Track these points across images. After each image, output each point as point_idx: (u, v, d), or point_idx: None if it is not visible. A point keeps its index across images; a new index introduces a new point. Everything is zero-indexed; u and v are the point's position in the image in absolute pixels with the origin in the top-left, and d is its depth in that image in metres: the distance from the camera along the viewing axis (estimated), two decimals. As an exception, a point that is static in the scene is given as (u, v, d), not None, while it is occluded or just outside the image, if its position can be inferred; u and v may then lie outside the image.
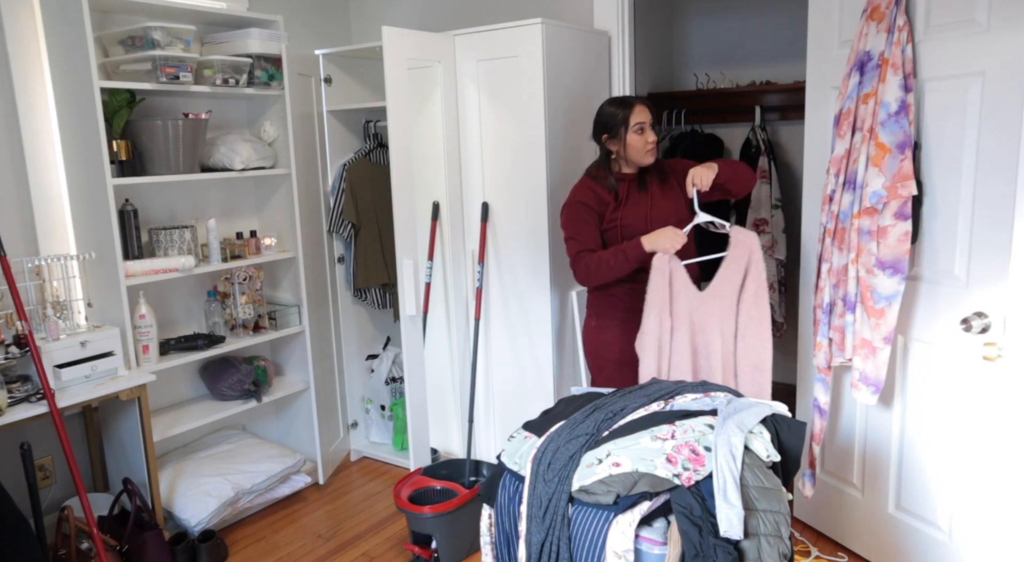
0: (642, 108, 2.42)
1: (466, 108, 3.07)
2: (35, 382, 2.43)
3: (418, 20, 3.67)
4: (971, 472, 2.19)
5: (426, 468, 2.90)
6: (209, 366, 3.18)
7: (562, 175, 2.98)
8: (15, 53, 2.61)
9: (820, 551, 2.66)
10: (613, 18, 3.14)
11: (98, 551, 2.40)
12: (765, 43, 4.12)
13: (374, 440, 3.74)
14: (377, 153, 3.51)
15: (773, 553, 1.55)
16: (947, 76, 2.11)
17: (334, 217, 3.44)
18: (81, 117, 2.58)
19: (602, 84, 3.17)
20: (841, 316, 2.34)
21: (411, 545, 2.66)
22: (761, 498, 1.60)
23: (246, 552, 2.83)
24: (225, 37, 2.96)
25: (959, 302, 2.16)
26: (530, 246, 2.99)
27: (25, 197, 2.69)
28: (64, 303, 2.61)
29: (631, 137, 2.42)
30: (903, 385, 2.37)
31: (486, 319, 3.21)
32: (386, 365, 3.63)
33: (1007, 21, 1.94)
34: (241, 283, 3.13)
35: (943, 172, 2.16)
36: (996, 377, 2.08)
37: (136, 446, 2.69)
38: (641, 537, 1.57)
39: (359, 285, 3.48)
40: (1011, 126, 1.96)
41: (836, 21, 2.47)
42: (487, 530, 1.85)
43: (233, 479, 2.93)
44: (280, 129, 3.14)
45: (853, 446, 2.58)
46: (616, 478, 1.61)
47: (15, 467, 2.70)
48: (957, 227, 2.14)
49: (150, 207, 2.99)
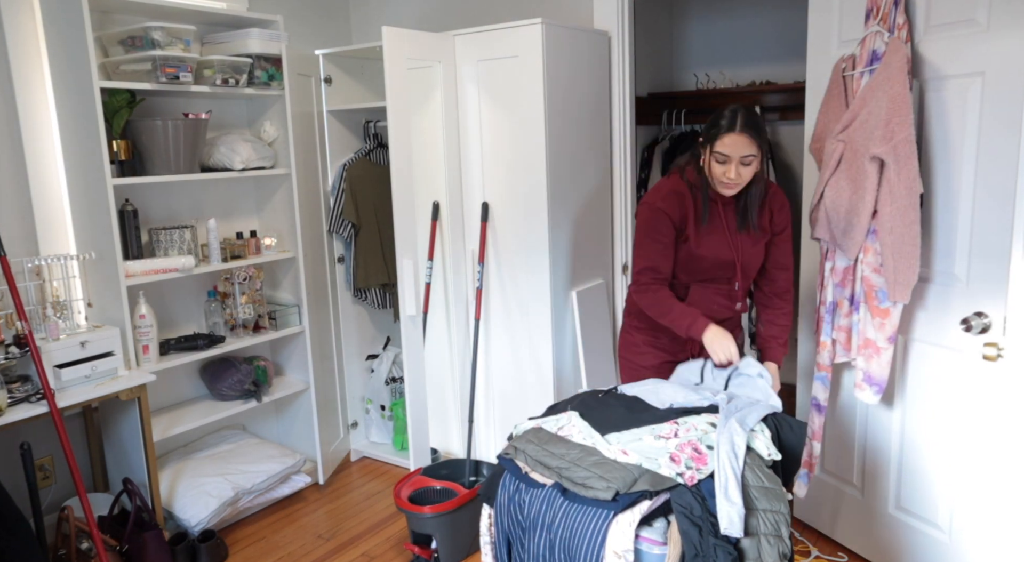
0: (736, 140, 2.02)
1: (466, 108, 3.07)
2: (35, 382, 2.43)
3: (418, 20, 3.67)
4: (971, 472, 2.19)
5: (426, 468, 2.90)
6: (209, 366, 3.18)
7: (562, 175, 2.98)
8: (15, 53, 2.61)
9: (820, 551, 2.66)
10: (613, 18, 3.14)
11: (98, 551, 2.40)
12: (765, 43, 4.12)
13: (374, 440, 3.74)
14: (377, 153, 3.51)
15: (773, 553, 1.55)
16: (947, 76, 2.11)
17: (334, 217, 3.44)
18: (81, 117, 2.58)
19: (602, 84, 3.17)
20: (847, 316, 2.34)
21: (411, 545, 2.66)
22: (761, 497, 1.60)
23: (246, 552, 2.83)
24: (225, 37, 2.96)
25: (959, 302, 2.16)
26: (530, 246, 2.99)
27: (25, 197, 2.69)
28: (64, 303, 2.61)
29: (712, 162, 2.09)
30: (903, 385, 2.37)
31: (486, 319, 3.21)
32: (386, 365, 3.63)
33: (1007, 21, 1.94)
34: (241, 283, 3.13)
35: (943, 172, 2.16)
36: (996, 377, 2.08)
37: (136, 446, 2.69)
38: (641, 537, 1.57)
39: (359, 285, 3.48)
40: (1011, 126, 1.96)
41: (836, 21, 2.47)
42: (487, 530, 1.85)
43: (233, 479, 2.93)
44: (280, 129, 3.14)
45: (853, 446, 2.58)
46: (617, 473, 1.61)
47: (15, 467, 2.70)
48: (957, 227, 2.14)
49: (150, 207, 2.99)
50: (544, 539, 1.66)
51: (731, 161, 2.04)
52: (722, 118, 2.05)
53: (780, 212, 2.25)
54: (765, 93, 3.97)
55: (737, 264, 2.18)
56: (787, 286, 2.30)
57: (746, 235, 2.20)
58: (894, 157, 2.05)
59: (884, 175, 2.10)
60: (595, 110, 3.14)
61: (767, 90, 3.96)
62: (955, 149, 2.12)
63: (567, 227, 3.03)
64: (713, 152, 2.06)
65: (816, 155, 2.45)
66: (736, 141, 2.02)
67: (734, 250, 2.17)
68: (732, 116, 2.03)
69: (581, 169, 3.09)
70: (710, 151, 2.07)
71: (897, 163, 2.05)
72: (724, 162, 2.05)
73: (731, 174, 2.05)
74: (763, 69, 4.13)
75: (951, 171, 2.14)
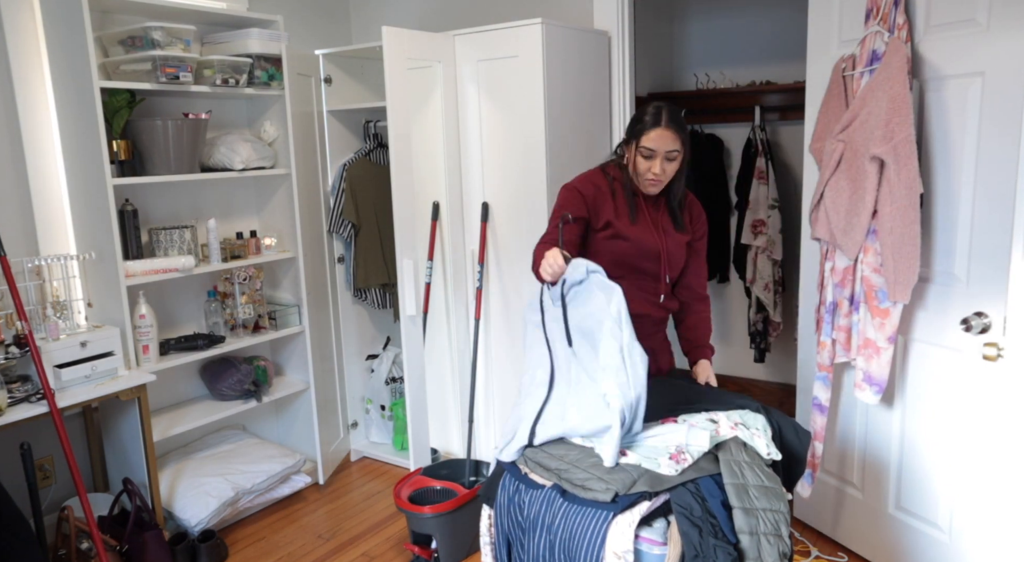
0: (663, 134, 2.02)
1: (466, 108, 3.07)
2: (35, 382, 2.43)
3: (418, 20, 3.67)
4: (971, 472, 2.19)
5: (426, 468, 2.90)
6: (209, 366, 3.18)
7: (562, 175, 2.98)
8: (15, 53, 2.61)
9: (820, 551, 2.66)
10: (613, 18, 3.14)
11: (98, 551, 2.40)
12: (765, 43, 4.12)
13: (374, 440, 3.74)
14: (377, 153, 3.51)
15: (773, 552, 1.55)
16: (947, 76, 2.11)
17: (334, 217, 3.44)
18: (81, 117, 2.58)
19: (602, 84, 3.17)
20: (847, 315, 2.34)
21: (411, 545, 2.66)
22: (761, 497, 1.60)
23: (246, 552, 2.83)
24: (225, 37, 2.96)
25: (959, 302, 2.16)
26: (530, 246, 2.99)
27: (25, 197, 2.69)
28: (64, 303, 2.61)
29: (638, 157, 2.08)
30: (903, 385, 2.37)
31: (486, 319, 3.21)
32: (386, 365, 3.63)
33: (1007, 21, 1.94)
34: (241, 283, 3.13)
35: (943, 172, 2.16)
36: (996, 377, 2.08)
37: (136, 446, 2.69)
38: (641, 537, 1.57)
39: (359, 285, 3.48)
40: (1011, 126, 1.96)
41: (836, 21, 2.47)
42: (487, 530, 1.85)
43: (233, 479, 2.93)
44: (280, 129, 3.14)
45: (853, 446, 2.58)
46: (616, 475, 1.61)
47: (15, 467, 2.70)
48: (957, 227, 2.14)
49: (150, 207, 2.99)
50: (544, 540, 1.66)
51: (656, 156, 2.04)
52: (646, 114, 2.06)
53: (698, 220, 2.27)
54: (765, 93, 3.97)
55: (663, 254, 2.16)
56: (705, 292, 2.32)
57: (671, 230, 2.20)
58: (894, 157, 2.05)
59: (884, 175, 2.10)
60: (595, 110, 3.14)
61: (767, 90, 3.96)
62: (955, 149, 2.12)
63: (567, 227, 3.03)
64: (639, 147, 2.06)
65: (816, 155, 2.45)
66: (662, 136, 2.02)
67: (660, 240, 2.16)
68: (656, 112, 2.04)
69: (581, 169, 3.07)
70: (636, 146, 2.07)
71: (897, 163, 2.05)
72: (650, 157, 2.05)
73: (656, 169, 2.06)
74: (763, 69, 4.13)
75: (951, 171, 2.14)
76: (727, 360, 4.54)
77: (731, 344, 4.52)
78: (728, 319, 4.52)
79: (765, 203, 3.88)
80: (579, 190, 2.15)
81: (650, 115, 2.05)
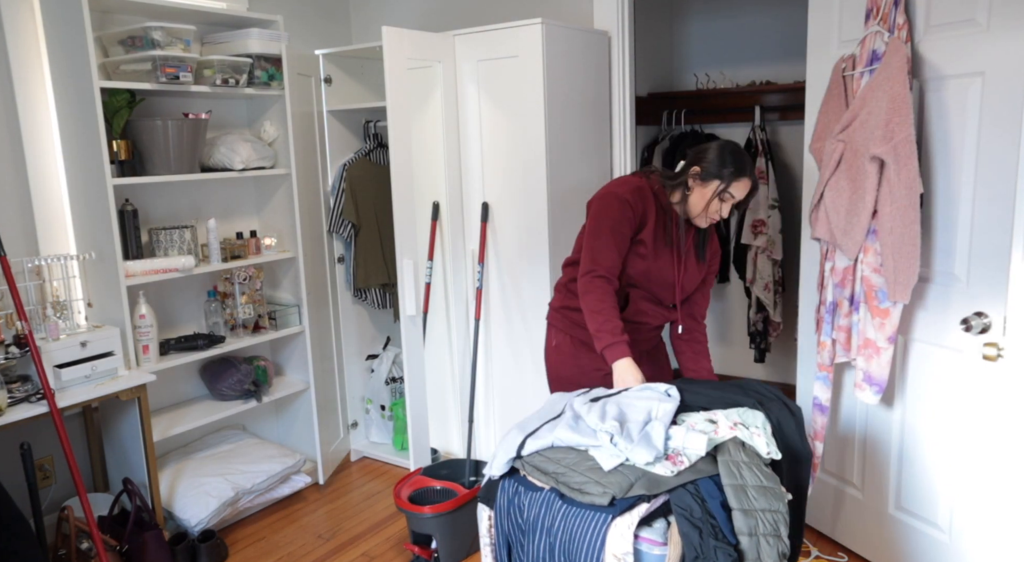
0: (747, 185, 2.06)
1: (466, 108, 3.07)
2: (35, 382, 2.43)
3: (418, 20, 3.67)
4: (971, 472, 2.19)
5: (426, 468, 2.90)
6: (209, 366, 3.18)
7: (562, 175, 2.98)
8: (15, 53, 2.61)
9: (820, 551, 2.66)
10: (613, 18, 3.14)
11: (98, 551, 2.40)
12: (765, 43, 4.12)
13: (374, 440, 3.74)
14: (377, 153, 3.51)
15: (772, 553, 1.55)
16: (947, 76, 2.11)
17: (334, 217, 3.44)
18: (81, 117, 2.58)
19: (602, 84, 3.17)
20: (847, 315, 2.34)
21: (411, 545, 2.67)
22: (760, 497, 1.60)
23: (246, 552, 2.83)
24: (225, 37, 2.96)
25: (959, 302, 2.16)
26: (530, 246, 2.99)
27: (25, 197, 2.69)
28: (64, 303, 2.61)
29: (714, 199, 2.07)
30: (903, 385, 2.37)
31: (486, 319, 3.21)
32: (386, 365, 3.63)
33: (1007, 21, 1.94)
34: (241, 283, 3.13)
35: (943, 172, 2.16)
36: (996, 377, 2.08)
37: (136, 446, 2.69)
38: (641, 538, 1.57)
39: (359, 285, 3.48)
40: (1011, 126, 1.96)
41: (836, 21, 2.47)
42: (487, 531, 1.85)
43: (233, 479, 2.93)
44: (280, 129, 3.14)
45: (853, 446, 2.58)
46: (613, 478, 1.61)
47: (15, 467, 2.70)
48: (957, 227, 2.14)
49: (150, 207, 2.99)
50: (544, 542, 1.66)
51: (730, 201, 2.07)
52: (735, 160, 2.05)
53: (715, 257, 2.31)
54: (765, 93, 3.97)
55: (677, 287, 2.22)
56: (704, 319, 2.37)
57: (691, 263, 2.24)
58: (894, 157, 2.05)
59: (884, 175, 2.10)
60: (595, 110, 3.14)
61: (767, 90, 3.96)
62: (955, 149, 2.12)
63: (567, 227, 3.03)
64: (725, 191, 2.05)
65: (816, 155, 2.44)
66: (746, 185, 2.07)
67: (680, 273, 2.21)
68: (742, 160, 2.05)
69: (581, 169, 3.09)
70: (721, 189, 2.05)
71: (897, 163, 2.05)
72: (726, 201, 2.08)
73: (724, 212, 2.09)
74: (763, 69, 4.12)
75: (951, 171, 2.14)
76: (727, 360, 4.54)
77: (731, 344, 4.52)
78: (728, 319, 4.52)
79: (765, 203, 3.88)
80: (631, 204, 2.11)
81: (738, 163, 2.05)
